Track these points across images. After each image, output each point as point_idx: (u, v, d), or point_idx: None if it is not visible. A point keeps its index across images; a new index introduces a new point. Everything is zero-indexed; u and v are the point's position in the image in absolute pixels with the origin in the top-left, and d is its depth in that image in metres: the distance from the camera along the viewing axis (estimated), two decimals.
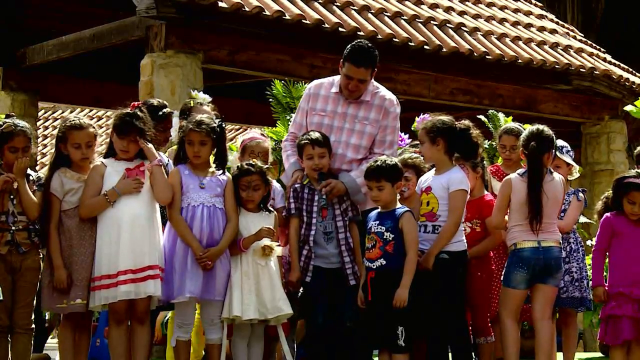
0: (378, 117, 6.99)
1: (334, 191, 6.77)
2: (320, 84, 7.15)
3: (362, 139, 6.97)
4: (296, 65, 11.09)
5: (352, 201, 6.87)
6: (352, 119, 6.98)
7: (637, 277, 6.95)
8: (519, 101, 13.01)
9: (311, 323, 6.71)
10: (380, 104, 7.02)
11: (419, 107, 10.29)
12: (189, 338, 6.59)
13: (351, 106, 7.00)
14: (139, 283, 6.33)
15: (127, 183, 6.38)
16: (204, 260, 6.39)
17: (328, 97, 7.05)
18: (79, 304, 6.37)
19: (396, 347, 6.53)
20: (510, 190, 6.87)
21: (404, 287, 6.48)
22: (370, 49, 6.94)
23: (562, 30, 14.30)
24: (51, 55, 11.83)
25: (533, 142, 6.86)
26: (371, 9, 11.65)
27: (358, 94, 6.99)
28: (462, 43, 12.02)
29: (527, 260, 6.83)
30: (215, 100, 8.17)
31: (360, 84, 6.92)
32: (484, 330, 7.20)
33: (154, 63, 10.30)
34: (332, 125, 6.98)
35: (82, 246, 6.41)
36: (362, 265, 6.75)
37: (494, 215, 6.97)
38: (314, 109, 7.05)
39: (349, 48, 6.93)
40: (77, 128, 6.51)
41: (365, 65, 6.88)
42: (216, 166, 6.64)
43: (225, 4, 10.20)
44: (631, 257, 6.98)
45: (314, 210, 6.75)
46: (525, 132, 7.04)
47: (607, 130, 13.81)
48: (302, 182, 6.82)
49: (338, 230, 6.78)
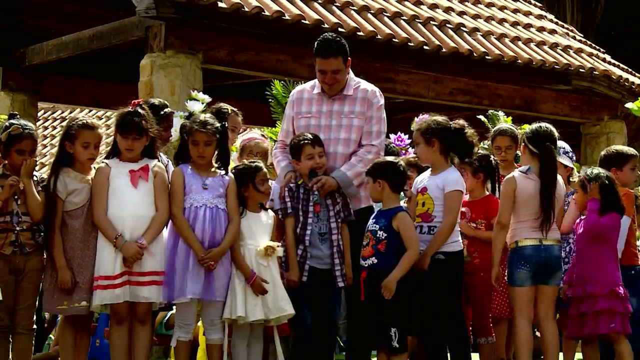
0: (363, 109, 7.00)
1: (325, 187, 6.77)
2: (302, 89, 7.19)
3: (350, 132, 6.97)
4: (296, 65, 11.09)
5: (345, 201, 6.87)
6: (338, 115, 7.00)
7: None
8: (519, 101, 13.02)
9: (300, 324, 6.70)
10: (364, 96, 7.03)
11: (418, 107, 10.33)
12: (190, 338, 6.58)
13: (335, 103, 7.02)
14: (140, 287, 6.32)
15: (131, 248, 6.32)
16: (207, 261, 6.39)
17: (311, 99, 7.07)
18: (82, 307, 6.35)
19: (391, 349, 6.53)
20: (515, 187, 6.86)
21: (393, 278, 6.45)
22: (335, 38, 6.99)
23: (562, 30, 14.31)
24: (51, 55, 11.84)
25: (548, 142, 6.89)
26: (371, 9, 11.65)
27: (338, 87, 7.00)
28: (462, 43, 12.02)
29: (529, 258, 6.84)
30: (214, 101, 8.18)
31: (336, 75, 6.93)
32: (485, 330, 7.21)
33: (154, 63, 10.30)
34: (320, 125, 6.99)
35: (85, 247, 6.39)
36: (349, 267, 6.76)
37: (502, 213, 6.87)
38: (299, 112, 7.07)
39: (315, 44, 6.98)
40: (89, 128, 6.51)
41: (334, 54, 6.90)
42: (219, 166, 6.64)
43: (224, 4, 10.20)
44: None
45: (309, 210, 6.76)
46: (532, 129, 7.00)
47: (607, 130, 13.82)
48: (297, 182, 6.83)
49: (332, 231, 6.78)
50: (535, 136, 6.94)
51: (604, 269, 7.12)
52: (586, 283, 7.11)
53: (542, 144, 6.90)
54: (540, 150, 6.90)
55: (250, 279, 6.47)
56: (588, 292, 7.09)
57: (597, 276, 7.10)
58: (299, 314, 6.61)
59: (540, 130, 6.98)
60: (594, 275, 7.10)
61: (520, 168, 6.97)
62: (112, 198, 6.40)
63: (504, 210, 6.87)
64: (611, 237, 7.18)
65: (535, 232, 6.86)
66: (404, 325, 6.56)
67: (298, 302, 6.60)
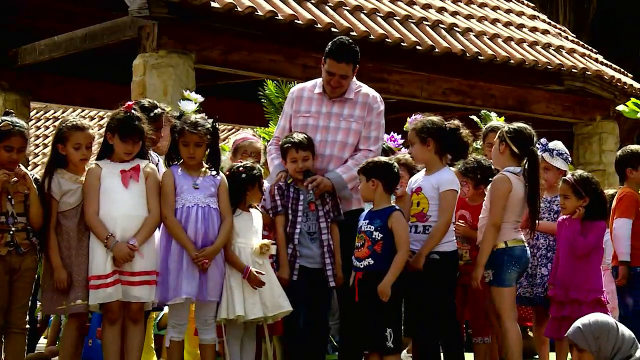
0: (363, 114, 7.00)
1: (320, 186, 6.78)
2: (302, 87, 7.17)
3: (348, 136, 6.98)
4: (289, 65, 11.10)
5: (335, 202, 6.87)
6: (337, 118, 6.99)
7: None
8: (512, 102, 13.03)
9: (291, 323, 6.70)
10: (364, 100, 7.03)
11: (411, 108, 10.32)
12: (182, 338, 6.59)
13: (335, 105, 7.01)
14: (131, 286, 6.32)
15: (122, 249, 6.33)
16: (201, 260, 6.39)
17: (312, 98, 7.06)
18: (80, 305, 6.35)
19: (385, 349, 6.53)
20: (511, 189, 6.81)
21: (388, 282, 6.46)
22: (351, 44, 6.96)
23: (554, 30, 14.33)
24: (43, 55, 11.82)
25: (532, 146, 6.89)
26: (364, 9, 11.66)
27: (341, 91, 6.99)
28: (455, 43, 12.03)
29: (518, 259, 6.84)
30: (207, 101, 8.18)
31: (342, 79, 6.93)
32: (481, 330, 7.21)
33: (147, 63, 10.29)
34: (318, 125, 6.99)
35: (80, 247, 6.40)
36: (339, 267, 6.77)
37: (497, 214, 6.78)
38: (298, 111, 7.06)
39: (330, 44, 6.95)
40: (80, 129, 6.50)
41: (347, 60, 6.89)
42: (210, 166, 6.64)
43: (217, 4, 10.20)
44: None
45: (299, 209, 6.77)
46: (514, 129, 6.93)
47: (599, 130, 13.84)
48: (287, 180, 6.83)
49: (321, 231, 6.79)
50: (518, 137, 6.91)
51: (587, 276, 7.13)
52: (569, 288, 7.11)
53: (525, 147, 6.89)
54: (526, 152, 6.88)
55: (245, 272, 6.47)
56: (571, 298, 7.09)
57: (581, 283, 7.11)
58: (291, 313, 6.62)
59: (524, 131, 6.94)
60: (578, 282, 7.11)
61: (510, 169, 6.90)
62: (104, 198, 6.40)
63: (499, 211, 6.80)
64: (597, 249, 7.21)
65: (519, 233, 6.89)
66: (399, 325, 6.57)
67: (291, 302, 6.61)
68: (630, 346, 4.91)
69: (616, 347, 4.89)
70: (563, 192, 7.33)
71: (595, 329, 4.93)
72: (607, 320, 5.02)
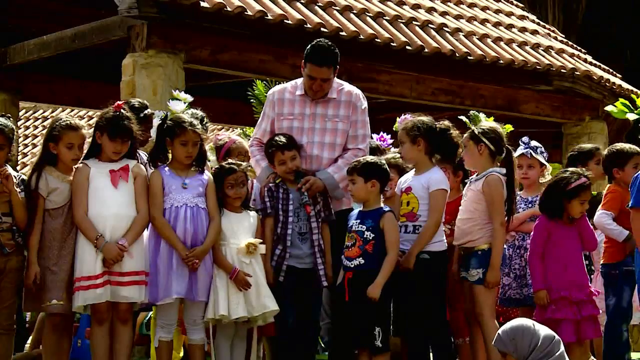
0: (348, 112, 7.00)
1: (313, 187, 6.78)
2: (283, 89, 7.14)
3: (336, 136, 6.98)
4: (278, 65, 11.08)
5: (326, 201, 6.87)
6: (322, 119, 6.99)
7: (573, 278, 6.98)
8: (501, 102, 13.03)
9: (281, 323, 6.70)
10: (348, 99, 7.03)
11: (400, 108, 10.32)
12: (171, 338, 6.58)
13: (319, 106, 7.01)
14: (120, 286, 6.31)
15: (112, 250, 6.31)
16: (191, 260, 6.38)
17: (294, 100, 7.04)
18: (56, 305, 6.34)
19: (374, 348, 6.54)
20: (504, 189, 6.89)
21: (378, 284, 6.47)
22: (330, 47, 6.94)
23: (543, 31, 14.35)
24: (32, 54, 11.77)
25: (508, 146, 6.94)
26: (353, 9, 11.65)
27: (322, 94, 6.99)
28: (444, 43, 12.04)
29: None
30: (197, 101, 8.17)
31: (324, 83, 6.92)
32: (462, 331, 7.22)
33: (136, 63, 10.26)
34: (303, 127, 6.98)
35: (62, 247, 6.39)
36: (330, 266, 6.76)
37: (501, 212, 6.82)
38: (281, 114, 7.04)
39: (309, 48, 6.93)
40: (73, 129, 6.50)
41: (328, 64, 6.89)
42: (197, 165, 6.64)
43: (207, 3, 10.18)
44: (567, 259, 6.99)
45: (289, 209, 6.76)
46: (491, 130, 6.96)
47: (588, 130, 13.85)
48: (275, 181, 6.82)
49: (312, 231, 6.78)
50: (496, 137, 6.94)
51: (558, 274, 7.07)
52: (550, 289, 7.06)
53: (502, 145, 6.93)
54: (503, 152, 6.92)
55: (232, 274, 6.46)
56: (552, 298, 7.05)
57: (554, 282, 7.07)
58: (280, 314, 6.61)
59: (500, 132, 6.99)
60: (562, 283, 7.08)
61: (496, 169, 6.92)
62: (93, 198, 6.40)
63: (502, 210, 6.86)
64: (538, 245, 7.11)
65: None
66: (388, 324, 6.58)
67: (279, 303, 6.61)
68: (548, 344, 5.22)
69: (532, 345, 5.22)
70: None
71: (511, 331, 5.28)
72: (523, 322, 5.35)
